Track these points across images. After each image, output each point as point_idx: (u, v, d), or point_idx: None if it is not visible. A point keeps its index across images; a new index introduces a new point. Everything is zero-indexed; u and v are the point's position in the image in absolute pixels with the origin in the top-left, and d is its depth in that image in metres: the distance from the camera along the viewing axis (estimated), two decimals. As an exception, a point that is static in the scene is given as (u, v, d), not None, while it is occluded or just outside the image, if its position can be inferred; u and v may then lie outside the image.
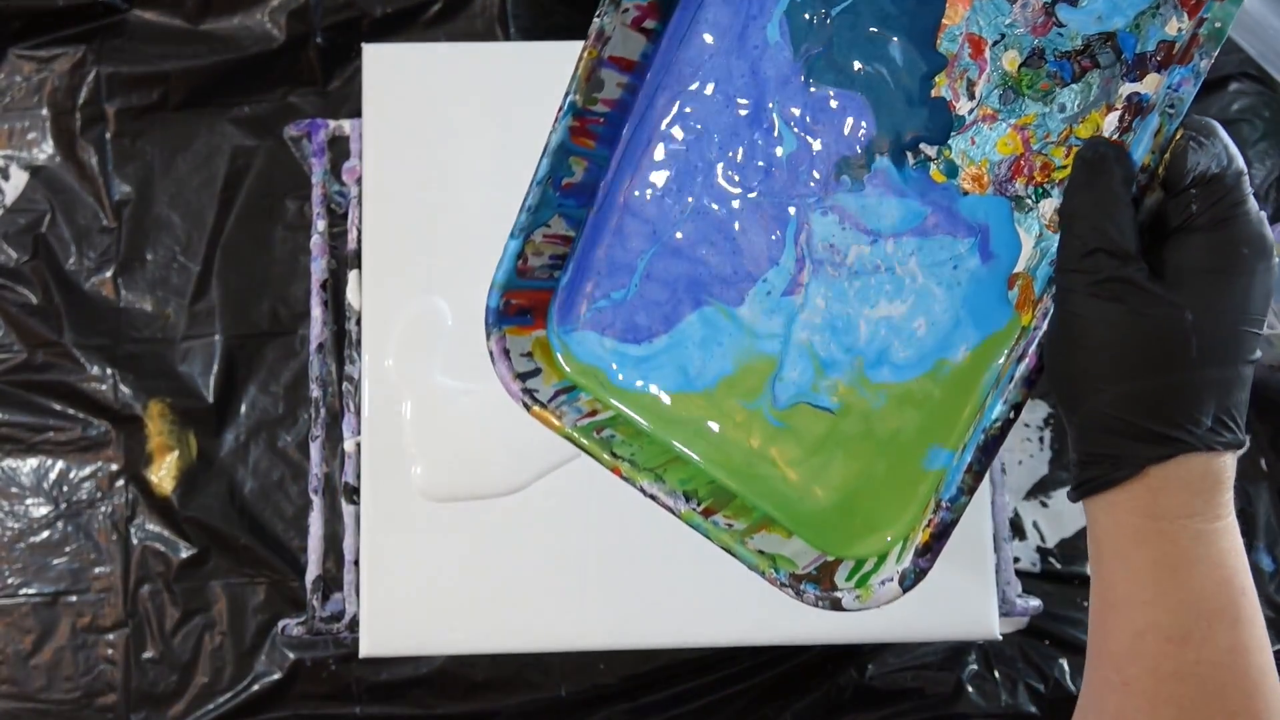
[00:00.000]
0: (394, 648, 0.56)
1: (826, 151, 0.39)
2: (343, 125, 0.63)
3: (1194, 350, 0.30)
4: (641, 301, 0.44)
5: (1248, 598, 0.30)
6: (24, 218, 0.79)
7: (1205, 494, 0.31)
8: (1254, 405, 0.78)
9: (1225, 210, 0.30)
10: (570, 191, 0.42)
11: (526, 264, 0.43)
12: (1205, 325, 0.30)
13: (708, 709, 0.73)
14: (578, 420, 0.43)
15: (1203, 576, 0.30)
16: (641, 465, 0.42)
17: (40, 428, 0.77)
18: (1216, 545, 0.30)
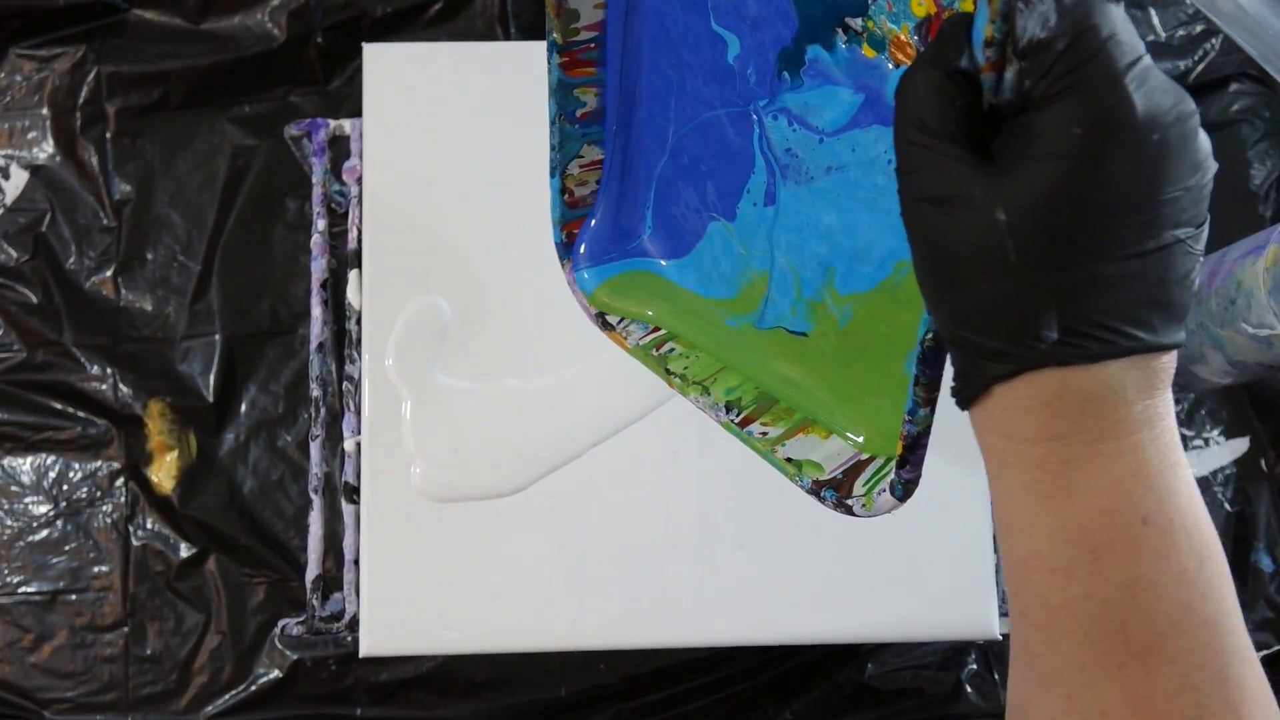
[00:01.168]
0: (394, 647, 0.56)
1: (764, 49, 0.37)
2: (343, 125, 0.63)
3: (1012, 254, 0.25)
4: (664, 221, 0.44)
5: (1154, 528, 0.26)
6: (24, 217, 0.79)
7: (1072, 414, 0.26)
8: (1254, 405, 0.78)
9: (1052, 83, 0.25)
10: (589, 120, 0.42)
11: (574, 197, 0.44)
12: (1024, 224, 0.25)
13: (708, 709, 0.73)
14: (641, 338, 0.44)
15: (1081, 504, 0.27)
16: (691, 379, 0.43)
17: (40, 427, 0.77)
18: (1101, 471, 0.26)
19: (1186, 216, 0.25)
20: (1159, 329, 0.26)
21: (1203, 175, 0.25)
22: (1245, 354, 0.61)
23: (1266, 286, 0.57)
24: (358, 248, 0.60)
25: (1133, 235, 0.25)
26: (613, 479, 0.57)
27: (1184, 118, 0.25)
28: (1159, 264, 0.25)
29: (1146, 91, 0.24)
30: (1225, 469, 0.77)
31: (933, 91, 0.26)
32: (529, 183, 0.59)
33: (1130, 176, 0.24)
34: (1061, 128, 0.24)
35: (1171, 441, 0.27)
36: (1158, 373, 0.26)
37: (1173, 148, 0.25)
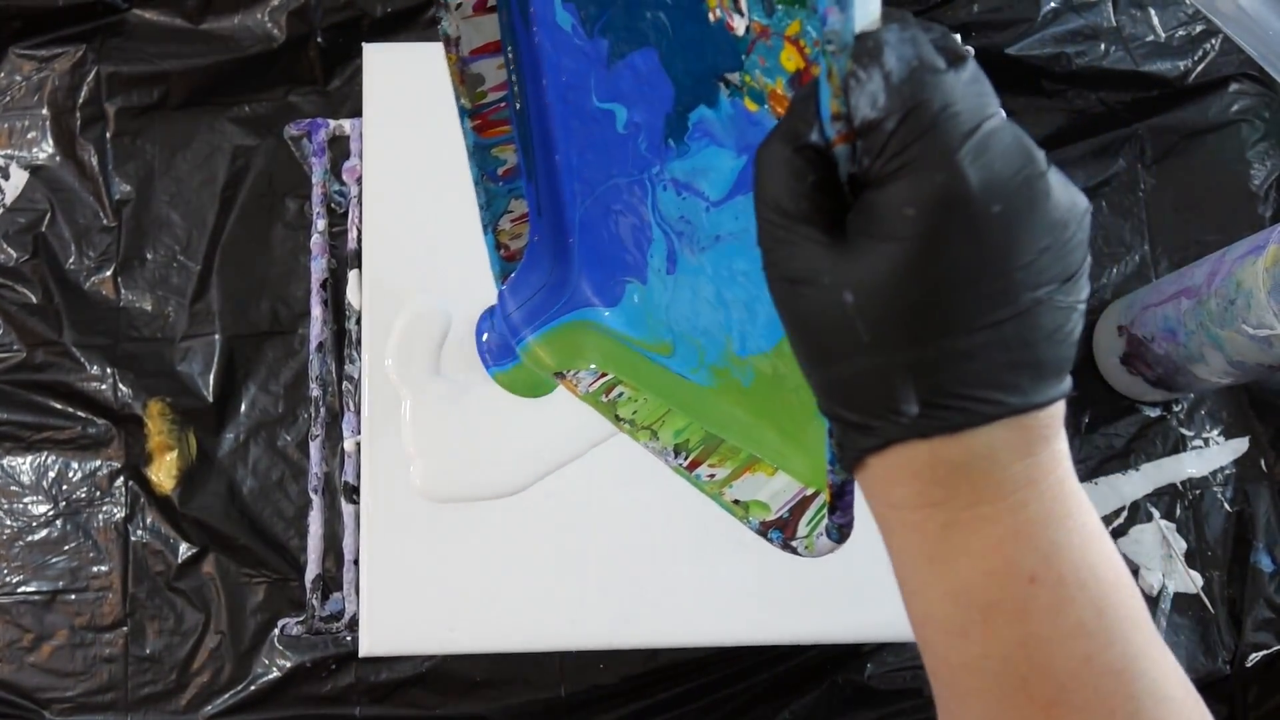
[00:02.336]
0: (394, 647, 0.56)
1: (649, 116, 0.37)
2: (343, 125, 0.63)
3: (863, 335, 0.25)
4: (591, 269, 0.45)
5: (1042, 585, 0.26)
6: (24, 217, 0.79)
7: (945, 481, 0.26)
8: (1254, 405, 0.78)
9: (885, 163, 0.24)
10: (512, 176, 0.42)
11: (509, 251, 0.44)
12: (870, 305, 0.24)
13: (708, 709, 0.73)
14: (590, 385, 0.45)
15: (967, 567, 0.27)
16: (640, 423, 0.43)
17: (40, 426, 0.77)
18: (980, 534, 0.26)
19: (1048, 276, 0.24)
20: (1028, 390, 0.25)
21: (1063, 231, 0.25)
22: (1245, 354, 0.61)
23: (1266, 286, 0.57)
24: (358, 248, 0.60)
25: (982, 307, 0.24)
26: (613, 479, 0.57)
27: (1031, 181, 0.24)
28: (1019, 328, 0.25)
29: (985, 163, 0.23)
30: (1225, 469, 0.77)
31: (784, 168, 0.26)
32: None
33: (972, 251, 0.24)
34: (895, 208, 0.24)
35: (1060, 494, 0.27)
36: (1035, 430, 0.26)
37: (1019, 215, 0.24)
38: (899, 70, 0.24)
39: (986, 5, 0.81)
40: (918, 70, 0.24)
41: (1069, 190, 0.25)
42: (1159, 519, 0.76)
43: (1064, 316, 0.25)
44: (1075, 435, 0.77)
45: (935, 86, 0.24)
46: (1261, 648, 0.74)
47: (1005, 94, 0.80)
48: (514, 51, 0.38)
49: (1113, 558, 0.27)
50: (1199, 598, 0.75)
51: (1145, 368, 0.72)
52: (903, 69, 0.24)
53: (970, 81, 0.24)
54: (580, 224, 0.44)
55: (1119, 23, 0.82)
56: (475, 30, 0.37)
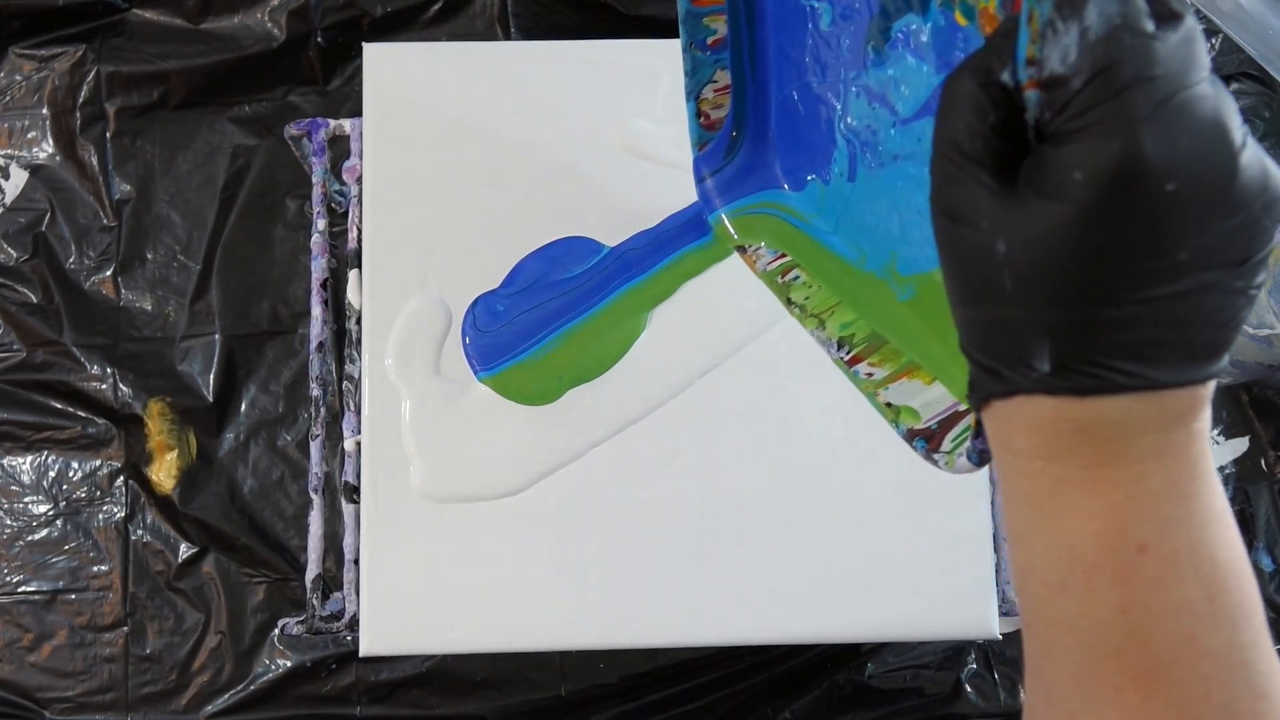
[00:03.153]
0: (394, 647, 0.56)
1: (855, 18, 0.37)
2: (343, 124, 0.63)
3: (1008, 285, 0.24)
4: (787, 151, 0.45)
5: (1152, 556, 0.25)
6: (24, 217, 0.79)
7: (1065, 438, 0.26)
8: (1254, 405, 0.78)
9: (1065, 122, 0.23)
10: (720, 47, 0.42)
11: (709, 120, 0.44)
12: (1020, 260, 0.24)
13: (708, 708, 0.73)
14: (769, 263, 0.45)
15: (1075, 525, 0.26)
16: (810, 310, 0.43)
17: (40, 426, 0.77)
18: (1094, 495, 0.26)
19: (1220, 259, 0.23)
20: (1173, 367, 0.24)
21: (1246, 214, 0.23)
22: (1245, 354, 0.61)
23: (1266, 286, 0.57)
24: (358, 248, 0.60)
25: (1138, 283, 0.23)
26: (613, 479, 0.57)
27: (1218, 161, 0.23)
28: (1175, 308, 0.24)
29: (1169, 138, 0.22)
30: (1225, 469, 0.77)
31: (968, 103, 0.25)
32: (528, 182, 0.60)
33: (1137, 227, 0.23)
34: (1065, 170, 0.23)
35: (1188, 472, 0.26)
36: (1173, 406, 0.25)
37: (1197, 195, 0.23)
38: (1098, 27, 0.22)
39: (986, 5, 0.81)
40: (1118, 30, 0.22)
41: (1265, 172, 0.24)
42: (1159, 519, 0.76)
43: (1230, 300, 0.24)
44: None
45: (1133, 50, 0.22)
46: (1261, 647, 0.74)
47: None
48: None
49: (1235, 545, 0.26)
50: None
51: (1145, 368, 0.72)
52: (1102, 26, 0.23)
53: (1179, 45, 0.23)
54: (780, 106, 0.44)
55: (1119, 22, 0.82)
56: None
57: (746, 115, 0.45)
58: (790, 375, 0.57)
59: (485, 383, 0.56)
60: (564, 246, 0.57)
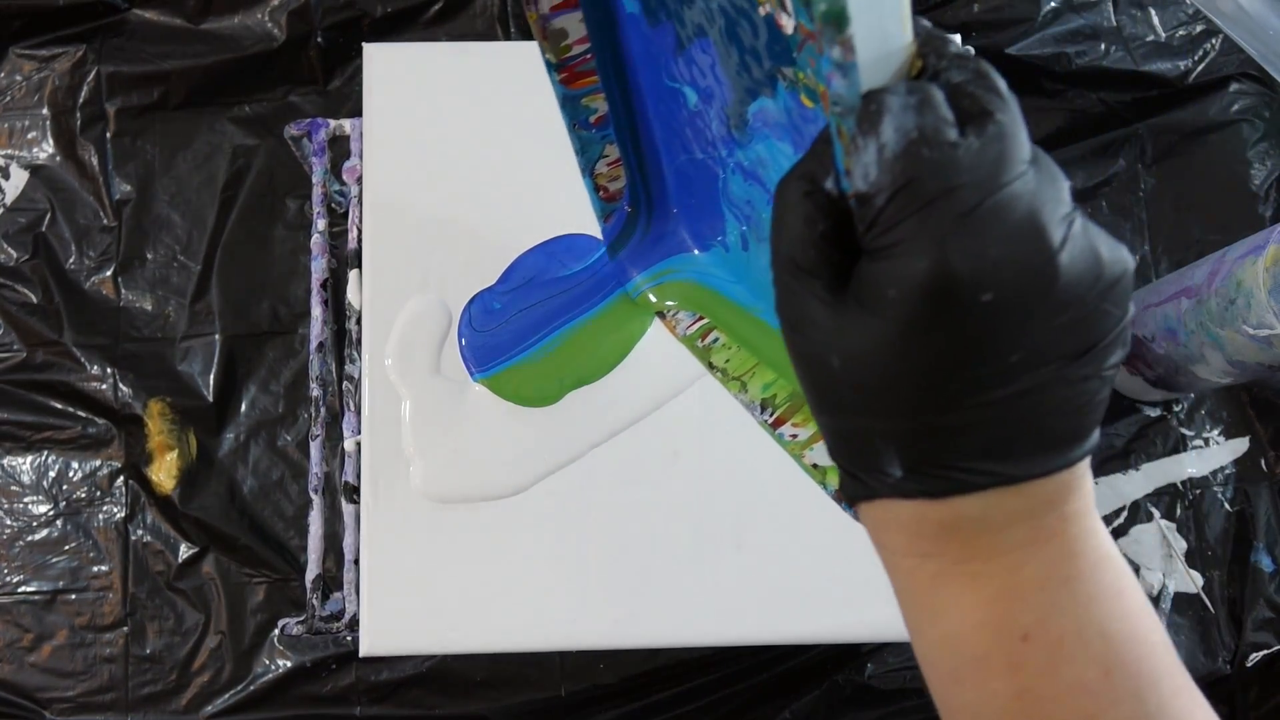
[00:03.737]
0: (394, 647, 0.56)
1: (715, 102, 0.37)
2: (343, 125, 0.63)
3: (848, 397, 0.24)
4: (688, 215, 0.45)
5: (1037, 644, 0.25)
6: (24, 217, 0.79)
7: (932, 537, 0.26)
8: (1254, 405, 0.78)
9: (875, 239, 0.23)
10: (604, 123, 0.42)
11: (608, 192, 0.44)
12: (854, 373, 0.23)
13: (708, 709, 0.73)
14: (689, 327, 0.45)
15: (957, 619, 0.26)
16: (731, 373, 0.43)
17: (40, 426, 0.77)
18: (971, 589, 0.26)
19: (1055, 353, 0.23)
20: (1027, 461, 0.24)
21: (1079, 307, 0.23)
22: (1245, 354, 0.61)
23: (1266, 286, 0.57)
24: (358, 248, 0.60)
25: (970, 389, 0.23)
26: (613, 479, 0.57)
27: (1035, 264, 0.22)
28: (1016, 406, 0.23)
29: (978, 248, 0.21)
30: (1225, 469, 0.77)
31: (796, 211, 0.24)
32: (529, 182, 0.60)
33: (957, 339, 0.22)
34: (880, 287, 0.22)
35: (1067, 555, 0.25)
36: (1038, 496, 0.25)
37: (1016, 301, 0.22)
38: (894, 143, 0.22)
39: (986, 5, 0.81)
40: (915, 144, 0.22)
41: (1096, 261, 0.23)
42: (1159, 519, 0.76)
43: (1076, 389, 0.23)
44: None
45: (933, 163, 0.22)
46: (1261, 648, 0.74)
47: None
48: (592, 17, 0.38)
49: (1129, 616, 0.26)
50: (1199, 598, 0.75)
51: (1145, 368, 0.72)
52: (898, 142, 0.22)
53: (986, 147, 0.22)
54: (675, 175, 0.44)
55: (1119, 23, 0.82)
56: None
57: (647, 185, 0.45)
58: (790, 375, 0.57)
59: (482, 384, 0.56)
60: (563, 243, 0.57)
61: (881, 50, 0.23)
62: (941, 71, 0.23)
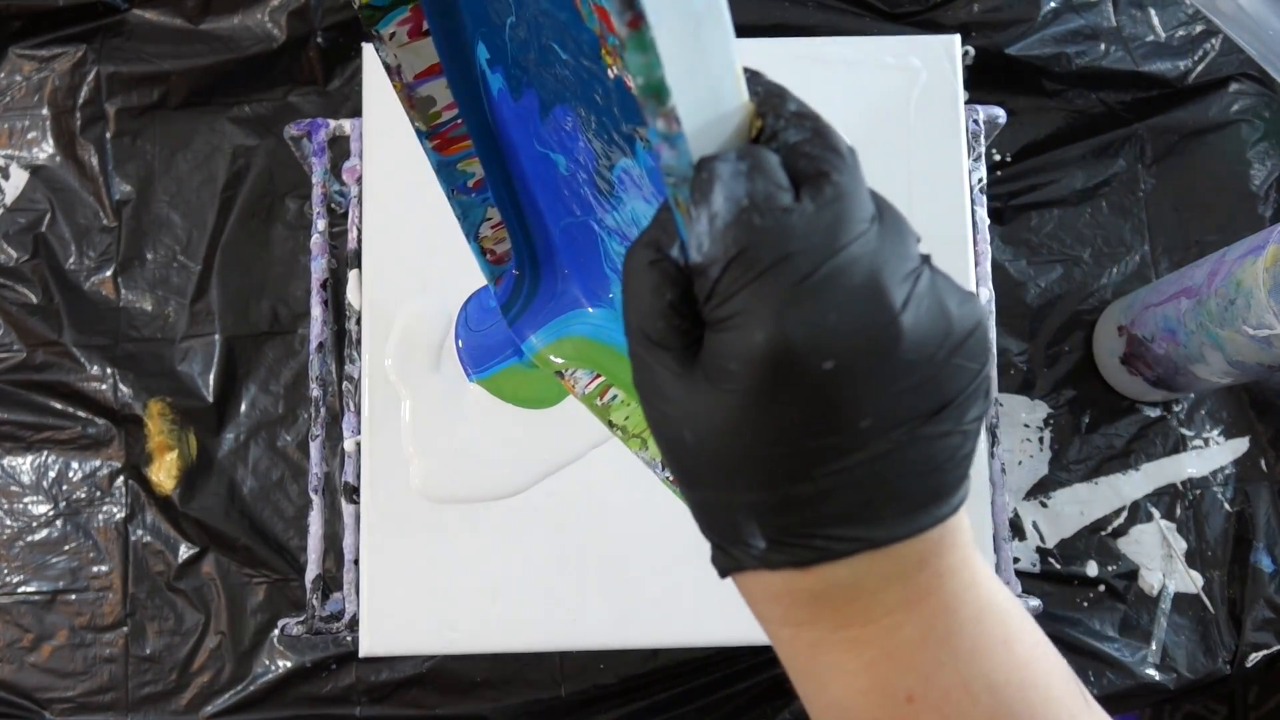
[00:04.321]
0: (394, 647, 0.56)
1: (583, 169, 0.36)
2: (343, 125, 0.63)
3: (704, 470, 0.24)
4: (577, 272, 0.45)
5: (923, 704, 0.25)
6: (24, 217, 0.79)
7: (805, 606, 0.25)
8: (1254, 405, 0.78)
9: (713, 311, 0.22)
10: (483, 186, 0.41)
11: (495, 255, 0.44)
12: (706, 447, 0.23)
13: (708, 709, 0.73)
14: (587, 386, 0.45)
15: (840, 686, 0.26)
16: (630, 431, 0.43)
17: (40, 426, 0.77)
18: (850, 655, 0.25)
19: (907, 414, 0.22)
20: (893, 523, 0.23)
21: (926, 368, 0.22)
22: (1245, 354, 0.61)
23: (1266, 286, 0.57)
24: (358, 248, 0.60)
25: (825, 457, 0.22)
26: (613, 479, 0.57)
27: (876, 329, 0.21)
28: (873, 470, 0.22)
29: (816, 316, 0.21)
30: (1225, 469, 0.77)
31: (643, 281, 0.24)
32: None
33: (802, 408, 0.22)
34: (721, 358, 0.22)
35: (946, 611, 0.25)
36: (909, 557, 0.24)
37: (859, 367, 0.21)
38: (725, 212, 0.21)
39: (986, 5, 0.81)
40: (745, 212, 0.21)
41: (943, 319, 0.22)
42: (1159, 519, 0.76)
43: (935, 447, 0.23)
44: (1075, 435, 0.77)
45: (764, 232, 0.21)
46: (1261, 648, 0.74)
47: (1005, 94, 0.80)
48: (456, 88, 0.37)
49: (1018, 666, 0.25)
50: (1199, 598, 0.75)
51: (1145, 368, 0.72)
52: (729, 211, 0.21)
53: (821, 210, 0.21)
54: (561, 235, 0.43)
55: (1119, 23, 0.82)
56: (415, 55, 0.35)
57: (531, 246, 0.44)
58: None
59: (480, 384, 0.56)
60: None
61: (713, 114, 0.22)
62: (779, 132, 0.23)
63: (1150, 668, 0.74)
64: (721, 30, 0.21)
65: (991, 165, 0.80)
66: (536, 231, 0.44)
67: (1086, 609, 0.75)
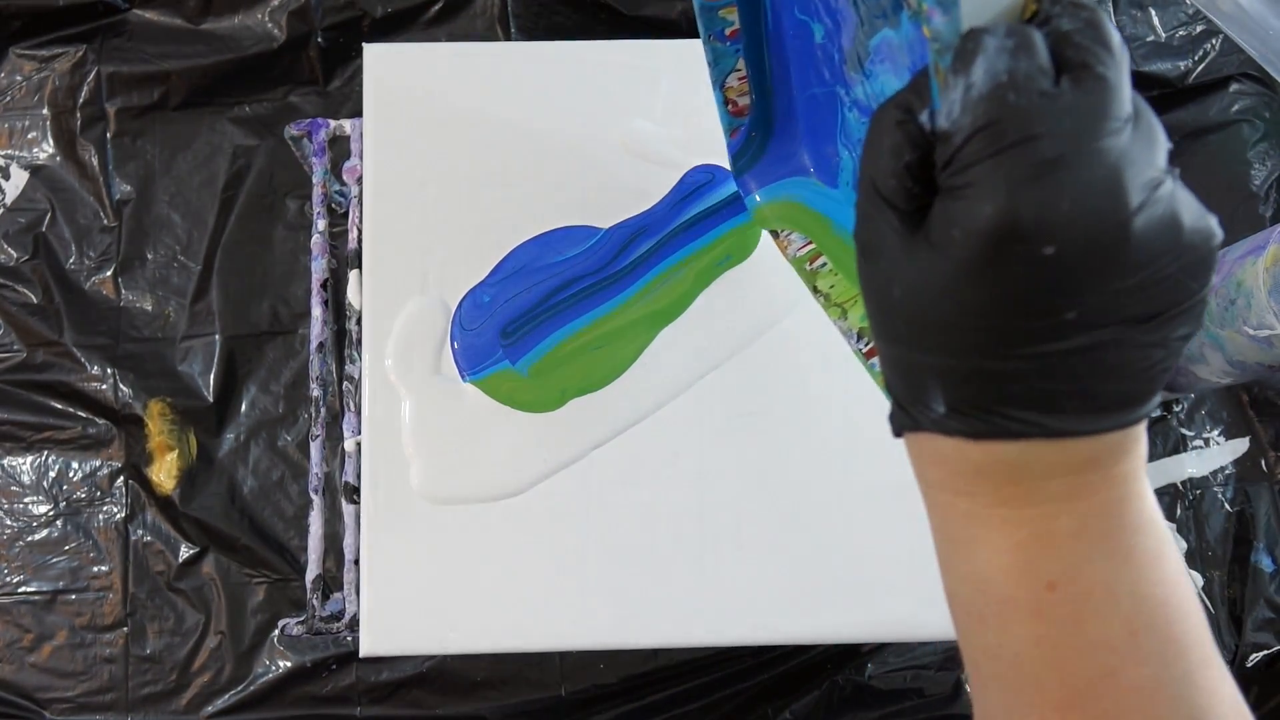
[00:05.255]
0: (394, 647, 0.56)
1: (840, 36, 0.36)
2: (343, 125, 0.63)
3: (902, 328, 0.24)
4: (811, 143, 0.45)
5: (1062, 595, 0.25)
6: (24, 217, 0.79)
7: (969, 477, 0.26)
8: (1254, 405, 0.78)
9: (949, 178, 0.22)
10: (739, 37, 0.42)
11: (736, 106, 0.44)
12: (911, 305, 0.24)
13: (708, 709, 0.73)
14: (800, 249, 0.45)
15: (985, 559, 0.26)
16: (834, 299, 0.44)
17: (40, 426, 0.77)
18: (1001, 532, 0.26)
19: (1118, 315, 0.22)
20: (1074, 417, 0.24)
21: (1149, 270, 0.22)
22: (1245, 354, 0.61)
23: (1266, 286, 0.57)
24: (358, 248, 0.60)
25: (1025, 338, 0.23)
26: (613, 480, 0.57)
27: (1107, 224, 0.22)
28: (1070, 362, 0.23)
29: (1050, 200, 0.21)
30: (1225, 469, 0.77)
31: (886, 140, 0.24)
32: (529, 182, 0.60)
33: (1017, 287, 0.22)
34: (947, 226, 0.22)
35: (1105, 514, 0.25)
36: (1082, 452, 0.24)
37: (1081, 257, 0.22)
38: (981, 84, 0.22)
39: (986, 5, 0.81)
40: (1002, 87, 0.22)
41: (1176, 224, 0.22)
42: (1159, 519, 0.76)
43: (1136, 354, 0.23)
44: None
45: (1016, 109, 0.21)
46: (1262, 648, 0.74)
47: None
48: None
49: (1164, 582, 0.26)
50: (1199, 598, 0.75)
51: (1145, 368, 0.72)
52: (986, 83, 0.22)
53: (1079, 99, 0.22)
54: (805, 100, 0.43)
55: (1119, 23, 0.82)
56: None
57: (772, 106, 0.45)
58: (790, 378, 0.57)
59: (476, 386, 0.56)
60: (560, 233, 0.57)
61: None
62: (1053, 18, 0.23)
63: (1150, 668, 0.74)
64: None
65: (991, 165, 0.80)
66: (780, 92, 0.44)
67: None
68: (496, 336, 0.55)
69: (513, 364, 0.54)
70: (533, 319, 0.55)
